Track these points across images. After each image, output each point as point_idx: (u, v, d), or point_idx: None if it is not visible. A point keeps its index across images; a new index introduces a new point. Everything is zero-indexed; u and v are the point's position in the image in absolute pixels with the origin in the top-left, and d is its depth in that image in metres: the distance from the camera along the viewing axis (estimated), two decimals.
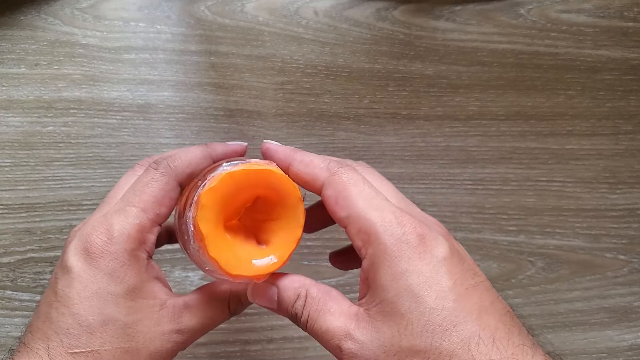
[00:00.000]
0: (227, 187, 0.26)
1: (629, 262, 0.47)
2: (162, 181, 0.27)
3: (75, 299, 0.25)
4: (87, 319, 0.25)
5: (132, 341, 0.26)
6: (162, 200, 0.27)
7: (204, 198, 0.25)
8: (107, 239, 0.26)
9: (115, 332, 0.25)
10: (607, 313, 0.46)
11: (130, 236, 0.26)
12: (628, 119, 0.48)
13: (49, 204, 0.42)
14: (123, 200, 0.27)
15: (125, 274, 0.26)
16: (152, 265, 0.27)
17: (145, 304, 0.26)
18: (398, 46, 0.47)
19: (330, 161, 0.27)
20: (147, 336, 0.26)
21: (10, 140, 0.43)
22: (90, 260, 0.25)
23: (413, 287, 0.22)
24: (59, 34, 0.44)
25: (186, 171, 0.28)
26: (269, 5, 0.46)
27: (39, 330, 0.25)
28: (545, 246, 0.46)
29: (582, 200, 0.47)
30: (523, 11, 0.48)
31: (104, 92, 0.44)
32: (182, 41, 0.45)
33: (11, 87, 0.43)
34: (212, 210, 0.25)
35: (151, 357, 0.26)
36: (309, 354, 0.43)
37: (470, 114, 0.47)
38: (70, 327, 0.25)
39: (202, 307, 0.28)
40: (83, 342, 0.25)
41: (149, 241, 0.27)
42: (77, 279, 0.25)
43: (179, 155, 0.28)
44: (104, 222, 0.26)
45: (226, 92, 0.45)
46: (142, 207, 0.26)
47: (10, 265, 0.42)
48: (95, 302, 0.25)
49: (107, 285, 0.25)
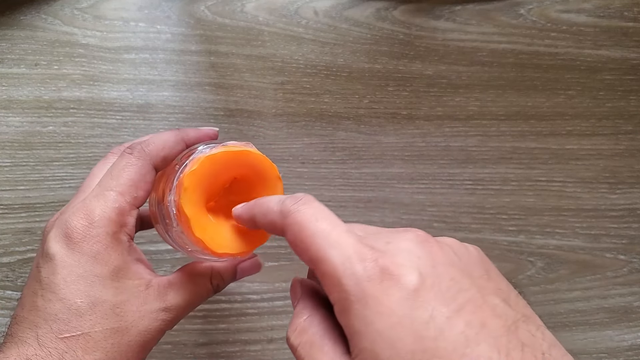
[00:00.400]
0: (208, 169, 0.27)
1: (629, 262, 0.47)
2: (138, 165, 0.28)
3: (61, 284, 0.25)
4: (75, 302, 0.25)
5: (121, 321, 0.26)
6: (139, 183, 0.28)
7: (186, 181, 0.26)
8: (88, 223, 0.26)
9: (104, 313, 0.26)
10: (607, 313, 0.46)
11: (110, 219, 0.26)
12: (628, 119, 0.48)
13: (49, 204, 0.42)
14: (100, 185, 0.28)
15: (109, 256, 0.26)
16: (134, 248, 0.28)
17: (131, 284, 0.27)
18: (398, 46, 0.47)
19: (283, 202, 0.24)
20: (135, 315, 0.26)
21: (10, 140, 0.43)
22: (73, 245, 0.26)
23: (387, 331, 0.19)
24: (59, 34, 0.44)
25: (160, 154, 0.29)
26: (269, 5, 0.46)
27: (25, 319, 0.26)
28: (545, 246, 0.46)
29: (582, 200, 0.47)
30: (523, 11, 0.48)
31: (104, 92, 0.44)
32: (182, 41, 0.45)
33: (11, 87, 0.43)
34: (194, 193, 0.26)
35: (140, 335, 0.26)
36: None
37: (470, 114, 0.47)
38: (58, 312, 0.25)
39: (185, 284, 0.29)
40: (73, 325, 0.25)
41: (129, 224, 0.27)
42: (61, 264, 0.26)
43: (152, 140, 0.29)
44: (83, 207, 0.27)
45: (226, 92, 0.45)
46: (120, 190, 0.27)
47: (10, 265, 0.42)
48: (81, 285, 0.25)
49: (92, 268, 0.26)
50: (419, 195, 0.46)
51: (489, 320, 0.19)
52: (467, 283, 0.20)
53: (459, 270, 0.21)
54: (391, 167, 0.46)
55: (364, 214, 0.45)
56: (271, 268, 0.44)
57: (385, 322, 0.19)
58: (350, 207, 0.45)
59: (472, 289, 0.20)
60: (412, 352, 0.19)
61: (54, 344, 0.25)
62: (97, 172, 0.30)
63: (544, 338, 0.19)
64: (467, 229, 0.46)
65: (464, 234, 0.46)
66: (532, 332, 0.19)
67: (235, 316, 0.43)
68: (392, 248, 0.21)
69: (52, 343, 0.25)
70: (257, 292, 0.44)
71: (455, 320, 0.19)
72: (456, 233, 0.46)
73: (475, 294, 0.20)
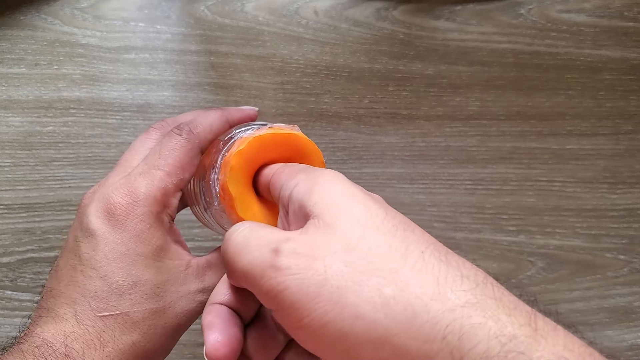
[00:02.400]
0: (255, 149, 0.26)
1: (629, 262, 0.47)
2: (187, 147, 0.28)
3: (102, 261, 0.25)
4: (116, 280, 0.25)
5: (160, 301, 0.26)
6: (186, 166, 0.27)
7: (233, 160, 0.26)
8: (132, 200, 0.26)
9: (144, 293, 0.25)
10: (607, 313, 0.46)
11: (155, 199, 0.26)
12: (628, 118, 0.48)
13: (48, 204, 0.42)
14: (147, 163, 0.27)
15: (152, 236, 0.26)
16: (174, 229, 0.28)
17: (172, 264, 0.26)
18: (398, 46, 0.46)
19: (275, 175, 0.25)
20: (174, 296, 0.26)
21: (10, 140, 0.43)
22: (115, 222, 0.25)
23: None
24: (58, 33, 0.44)
25: (208, 137, 0.29)
26: (269, 5, 0.46)
27: (62, 294, 0.25)
28: (545, 246, 0.46)
29: (582, 200, 0.47)
30: (523, 11, 0.48)
31: (103, 92, 0.44)
32: (182, 41, 0.45)
33: (11, 87, 0.43)
34: (240, 172, 0.26)
35: (177, 317, 0.26)
36: None
37: (471, 114, 0.47)
38: (98, 290, 0.25)
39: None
40: (112, 304, 0.25)
41: (172, 205, 0.27)
42: (103, 241, 0.25)
43: (200, 122, 0.29)
44: (128, 184, 0.26)
45: (226, 92, 0.45)
46: (168, 170, 0.27)
47: (10, 265, 0.42)
48: (124, 263, 0.25)
49: (135, 247, 0.25)
50: (419, 195, 0.46)
51: (404, 240, 0.19)
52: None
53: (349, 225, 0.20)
54: (391, 167, 0.46)
55: None
56: None
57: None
58: None
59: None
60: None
61: (92, 321, 0.24)
62: (137, 147, 0.30)
63: None
64: (467, 229, 0.46)
65: (464, 234, 0.46)
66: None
67: None
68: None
69: (90, 321, 0.24)
70: None
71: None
72: (456, 233, 0.46)
73: (388, 224, 0.20)
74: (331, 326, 0.18)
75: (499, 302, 0.17)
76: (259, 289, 0.19)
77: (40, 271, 0.42)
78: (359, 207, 0.20)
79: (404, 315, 0.17)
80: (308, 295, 0.18)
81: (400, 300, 0.17)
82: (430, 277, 0.18)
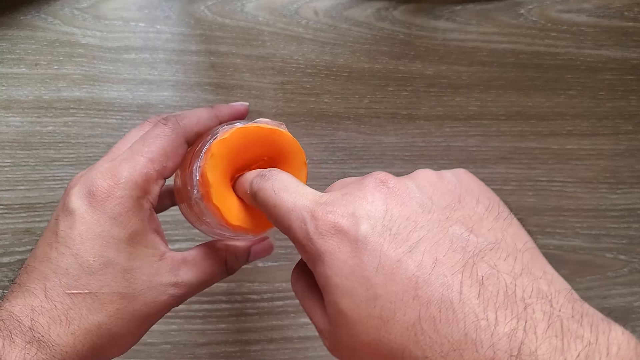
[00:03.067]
0: (238, 140, 0.27)
1: (629, 262, 0.47)
2: (171, 136, 0.28)
3: (77, 240, 0.25)
4: (87, 259, 0.25)
5: (130, 287, 0.26)
6: (170, 154, 0.28)
7: (214, 147, 0.26)
8: (113, 183, 0.26)
9: (114, 275, 0.25)
10: (607, 313, 0.46)
11: (136, 183, 0.26)
12: (628, 119, 0.48)
13: (49, 204, 0.42)
14: (132, 150, 0.28)
15: (129, 220, 0.26)
16: (154, 217, 0.28)
17: (146, 252, 0.27)
18: (398, 46, 0.47)
19: (251, 183, 0.25)
20: (145, 284, 0.26)
21: (10, 140, 0.43)
22: (95, 203, 0.26)
23: (343, 283, 0.19)
24: (58, 33, 0.44)
25: (194, 129, 0.29)
26: (269, 5, 0.46)
27: (35, 270, 0.26)
28: (545, 246, 0.46)
29: (583, 200, 0.47)
30: (523, 11, 0.48)
31: (103, 92, 0.44)
32: (182, 41, 0.45)
33: (11, 87, 0.43)
34: (220, 160, 0.26)
35: (146, 306, 0.26)
36: (309, 354, 0.43)
37: (471, 114, 0.47)
38: (69, 267, 0.25)
39: (199, 262, 0.28)
40: (82, 282, 0.25)
41: (154, 192, 0.27)
42: (80, 220, 0.25)
43: (187, 114, 0.29)
44: (111, 168, 0.26)
45: (226, 92, 0.45)
46: (150, 157, 0.27)
47: (10, 265, 0.42)
48: (97, 243, 0.25)
49: (111, 229, 0.25)
50: None
51: (443, 257, 0.18)
52: (424, 220, 0.20)
53: (417, 207, 0.20)
54: (391, 167, 0.46)
55: None
56: (271, 268, 0.44)
57: (340, 275, 0.19)
58: None
59: (430, 225, 0.20)
60: (367, 299, 0.19)
61: (61, 298, 0.24)
62: (130, 137, 0.30)
63: (515, 265, 0.18)
64: None
65: None
66: (497, 263, 0.18)
67: (235, 316, 0.43)
68: (346, 200, 0.21)
69: (58, 297, 0.24)
70: (257, 292, 0.44)
71: (405, 263, 0.18)
72: None
73: (433, 229, 0.19)
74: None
75: None
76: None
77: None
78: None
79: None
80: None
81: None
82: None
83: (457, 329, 0.17)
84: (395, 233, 0.19)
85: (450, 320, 0.17)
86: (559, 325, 0.16)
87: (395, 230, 0.19)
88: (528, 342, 0.16)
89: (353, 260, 0.19)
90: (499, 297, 0.17)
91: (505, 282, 0.17)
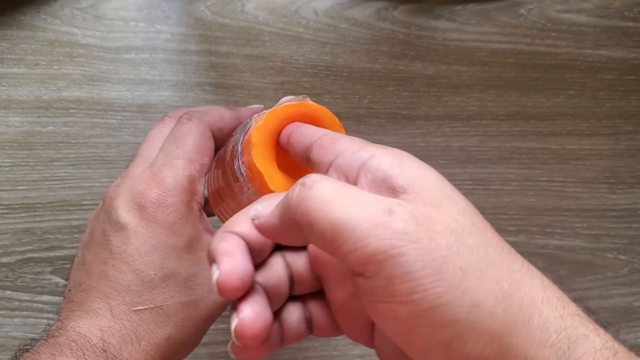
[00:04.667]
0: (272, 124, 0.26)
1: (629, 262, 0.47)
2: (199, 131, 0.27)
3: (134, 255, 0.25)
4: (148, 274, 0.25)
5: (193, 294, 0.25)
6: (204, 150, 0.27)
7: (254, 137, 0.25)
8: (162, 192, 0.25)
9: (177, 286, 0.25)
10: (607, 313, 0.46)
11: (184, 188, 0.26)
12: (628, 119, 0.48)
13: (48, 204, 0.42)
14: (166, 154, 0.27)
15: (184, 227, 0.26)
16: (204, 217, 0.27)
17: (203, 255, 0.26)
18: (398, 46, 0.46)
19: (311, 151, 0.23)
20: (206, 288, 0.26)
21: (10, 140, 0.43)
22: (147, 215, 0.25)
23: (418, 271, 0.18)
24: (58, 34, 0.44)
25: (218, 125, 0.28)
26: (269, 5, 0.46)
27: (94, 288, 0.25)
28: (545, 246, 0.46)
29: (583, 200, 0.47)
30: (523, 11, 0.48)
31: (103, 92, 0.44)
32: (182, 41, 0.45)
33: (11, 87, 0.43)
34: (263, 148, 0.26)
35: (208, 310, 0.26)
36: (309, 354, 0.43)
37: (471, 114, 0.47)
38: (131, 284, 0.24)
39: None
40: (146, 297, 0.24)
41: (199, 192, 0.27)
42: (134, 234, 0.25)
43: (209, 110, 0.29)
44: (154, 177, 0.26)
45: (226, 92, 0.45)
46: (188, 158, 0.27)
47: (10, 265, 0.42)
48: (156, 256, 0.25)
49: (167, 239, 0.25)
50: None
51: (503, 246, 0.19)
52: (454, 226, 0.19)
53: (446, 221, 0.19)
54: None
55: None
56: None
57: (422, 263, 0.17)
58: None
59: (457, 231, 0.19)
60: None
61: (127, 316, 0.24)
62: (153, 136, 0.29)
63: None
64: None
65: None
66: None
67: None
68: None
69: (125, 315, 0.24)
70: None
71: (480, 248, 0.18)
72: None
73: (489, 228, 0.20)
74: (444, 309, 0.16)
75: (587, 318, 0.18)
76: (356, 248, 0.16)
77: (40, 271, 0.42)
78: (460, 197, 0.19)
79: (520, 315, 0.16)
80: (428, 269, 0.16)
81: (516, 298, 0.17)
82: (538, 280, 0.18)
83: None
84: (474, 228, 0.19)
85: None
86: None
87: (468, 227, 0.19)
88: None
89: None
90: None
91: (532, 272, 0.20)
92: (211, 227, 0.28)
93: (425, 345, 0.16)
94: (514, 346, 0.16)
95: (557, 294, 0.17)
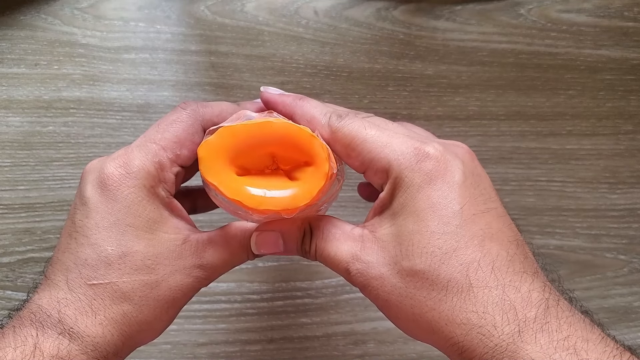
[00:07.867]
0: (226, 140, 0.26)
1: (629, 262, 0.47)
2: (187, 122, 0.27)
3: (93, 229, 0.25)
4: (105, 249, 0.25)
5: (152, 274, 0.25)
6: (184, 141, 0.27)
7: (200, 151, 0.25)
8: (125, 172, 0.26)
9: (133, 264, 0.25)
10: (607, 313, 0.46)
11: (149, 172, 0.26)
12: (628, 118, 0.48)
13: (49, 204, 0.42)
14: (145, 136, 0.27)
15: (144, 209, 0.26)
16: (175, 204, 0.27)
17: (166, 237, 0.26)
18: (398, 46, 0.47)
19: (330, 115, 0.27)
20: (168, 269, 0.26)
21: (10, 140, 0.43)
22: (108, 193, 0.25)
23: (419, 211, 0.23)
24: (58, 33, 0.44)
25: (214, 120, 0.28)
26: (269, 5, 0.46)
27: (58, 261, 0.26)
28: (545, 246, 0.46)
29: (582, 200, 0.47)
30: (523, 11, 0.48)
31: (103, 92, 0.44)
32: (182, 41, 0.45)
33: (11, 87, 0.43)
34: (212, 161, 0.25)
35: (171, 290, 0.26)
36: (309, 354, 0.43)
37: (470, 114, 0.47)
38: (88, 258, 0.25)
39: (226, 242, 0.28)
40: (101, 273, 0.25)
41: (168, 180, 0.27)
42: (95, 209, 0.25)
43: (211, 104, 0.29)
44: (124, 156, 0.26)
45: (226, 92, 0.45)
46: (163, 145, 0.27)
47: (10, 265, 0.42)
48: (113, 233, 0.25)
49: (125, 217, 0.25)
50: None
51: (505, 228, 0.24)
52: (494, 196, 0.25)
53: (489, 185, 0.25)
54: None
55: (364, 214, 0.44)
56: (271, 268, 0.44)
57: (420, 204, 0.23)
58: (350, 207, 0.45)
59: (497, 202, 0.25)
60: (432, 232, 0.23)
61: (83, 289, 0.24)
62: (159, 121, 0.29)
63: (536, 260, 0.25)
64: None
65: None
66: (530, 252, 0.25)
67: (235, 316, 0.43)
68: (446, 145, 0.26)
69: (81, 288, 0.24)
70: (257, 292, 0.44)
71: (479, 218, 0.23)
72: None
73: (498, 207, 0.25)
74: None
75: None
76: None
77: (41, 271, 0.42)
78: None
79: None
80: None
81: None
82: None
83: (511, 273, 0.23)
84: (479, 193, 0.24)
85: (505, 267, 0.23)
86: None
87: (479, 191, 0.24)
88: None
89: (438, 197, 0.24)
90: None
91: (535, 266, 0.25)
92: (185, 214, 0.28)
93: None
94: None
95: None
